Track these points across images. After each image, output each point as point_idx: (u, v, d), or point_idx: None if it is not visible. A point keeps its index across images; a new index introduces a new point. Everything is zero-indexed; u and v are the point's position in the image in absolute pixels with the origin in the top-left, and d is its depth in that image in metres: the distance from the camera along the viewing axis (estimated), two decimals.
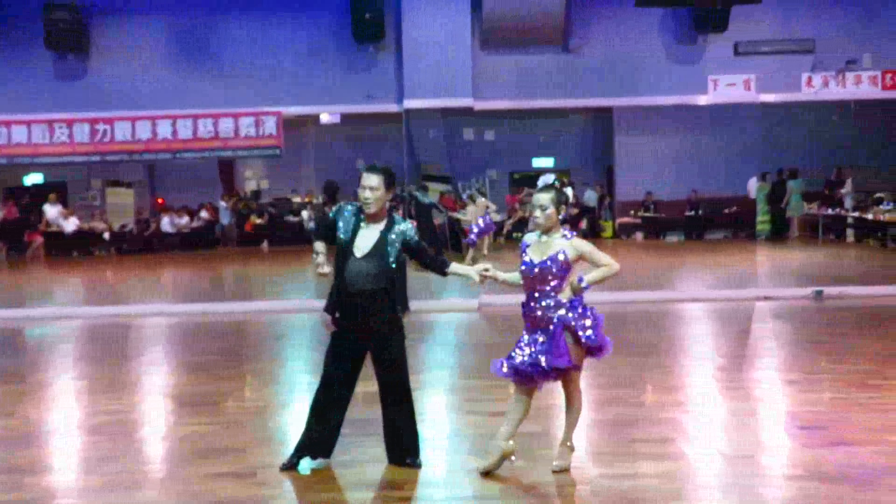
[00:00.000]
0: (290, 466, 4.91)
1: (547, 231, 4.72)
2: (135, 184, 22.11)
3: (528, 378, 4.69)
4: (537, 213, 4.73)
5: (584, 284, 4.59)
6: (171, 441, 5.66)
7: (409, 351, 5.01)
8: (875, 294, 11.36)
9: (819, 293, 11.07)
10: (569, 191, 5.74)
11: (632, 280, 11.87)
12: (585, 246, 4.72)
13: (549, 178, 4.66)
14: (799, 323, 9.67)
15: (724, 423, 5.78)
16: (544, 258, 4.66)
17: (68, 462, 5.36)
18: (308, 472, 4.87)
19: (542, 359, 4.60)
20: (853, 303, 10.87)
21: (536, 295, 4.69)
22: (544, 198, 4.69)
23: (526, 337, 4.74)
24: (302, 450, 4.94)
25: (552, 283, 4.65)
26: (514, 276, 4.89)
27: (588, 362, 4.82)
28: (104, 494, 4.70)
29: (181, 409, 6.48)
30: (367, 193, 4.68)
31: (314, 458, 4.94)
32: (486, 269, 4.86)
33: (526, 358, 4.66)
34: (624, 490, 4.51)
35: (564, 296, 4.64)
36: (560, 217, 4.68)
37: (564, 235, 4.72)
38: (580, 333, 4.60)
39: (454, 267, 4.94)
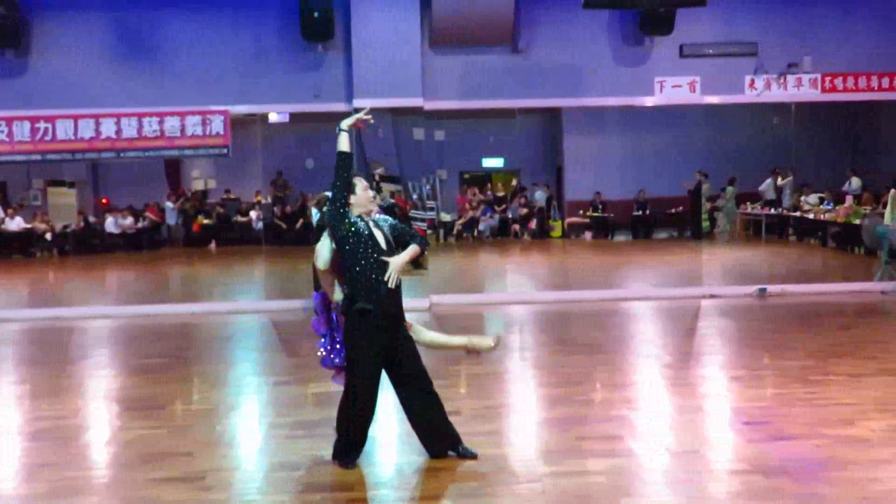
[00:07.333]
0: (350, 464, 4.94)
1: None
2: (78, 183, 21.63)
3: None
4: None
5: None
6: (117, 446, 5.55)
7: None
8: (816, 291, 11.65)
9: (762, 291, 11.31)
10: None
11: (580, 279, 11.99)
12: None
13: None
14: (743, 320, 9.86)
15: (670, 419, 5.87)
16: None
17: (9, 469, 5.22)
18: None
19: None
20: (795, 300, 11.13)
21: None
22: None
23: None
24: (355, 449, 4.96)
25: None
26: None
27: (541, 361, 4.85)
28: (47, 501, 4.60)
29: (126, 413, 6.36)
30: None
31: (357, 458, 4.97)
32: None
33: None
34: (573, 487, 4.55)
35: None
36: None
37: None
38: None
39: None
